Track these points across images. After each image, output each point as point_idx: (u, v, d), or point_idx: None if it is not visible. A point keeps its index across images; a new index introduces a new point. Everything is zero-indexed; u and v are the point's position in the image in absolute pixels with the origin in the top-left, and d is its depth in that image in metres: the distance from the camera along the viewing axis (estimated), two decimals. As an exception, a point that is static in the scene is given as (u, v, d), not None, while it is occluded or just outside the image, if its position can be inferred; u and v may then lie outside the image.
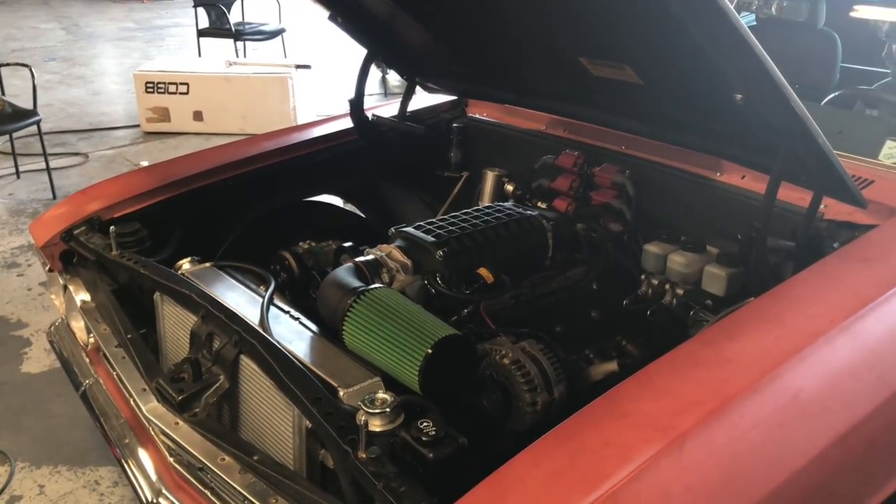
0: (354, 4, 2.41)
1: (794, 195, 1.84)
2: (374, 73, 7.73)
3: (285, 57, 8.43)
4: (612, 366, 1.81)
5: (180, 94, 6.66)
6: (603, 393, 1.30)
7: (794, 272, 1.66)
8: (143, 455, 1.80)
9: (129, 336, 1.87)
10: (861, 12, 3.42)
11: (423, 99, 2.90)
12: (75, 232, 2.19)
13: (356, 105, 2.68)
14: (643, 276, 2.02)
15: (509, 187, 2.57)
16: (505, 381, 1.65)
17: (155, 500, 1.66)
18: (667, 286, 1.96)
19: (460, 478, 1.23)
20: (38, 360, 3.45)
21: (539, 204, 2.36)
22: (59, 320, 2.40)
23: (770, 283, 1.65)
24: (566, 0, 1.79)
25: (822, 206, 1.79)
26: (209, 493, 1.55)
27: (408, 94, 2.78)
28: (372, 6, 2.42)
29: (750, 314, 1.48)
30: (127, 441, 1.86)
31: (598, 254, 2.15)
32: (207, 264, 2.02)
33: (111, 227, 2.08)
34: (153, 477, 1.73)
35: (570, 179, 2.33)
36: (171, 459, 1.65)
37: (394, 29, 2.52)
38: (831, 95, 2.44)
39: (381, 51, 2.66)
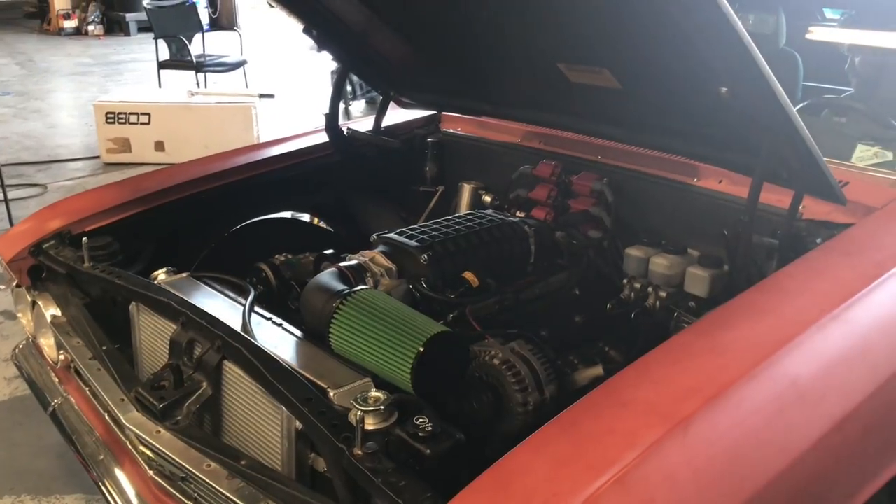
0: (329, 16, 2.41)
1: (772, 197, 1.85)
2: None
3: (247, 88, 8.39)
4: (598, 370, 1.80)
5: (141, 124, 6.56)
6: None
7: (777, 269, 1.67)
8: (119, 473, 1.74)
9: (104, 347, 1.81)
10: (816, 34, 3.51)
11: (397, 115, 2.89)
12: (44, 246, 2.12)
13: (331, 119, 2.66)
14: (626, 280, 2.02)
15: (487, 198, 2.57)
16: (495, 382, 1.63)
17: (135, 518, 1.60)
18: (650, 289, 1.97)
19: (458, 473, 1.20)
20: (-2, 389, 3.32)
21: (518, 214, 2.36)
22: (24, 342, 2.32)
23: (755, 281, 1.66)
24: (542, 4, 1.80)
25: (800, 206, 1.81)
26: (192, 504, 1.49)
27: (382, 109, 2.77)
28: (346, 18, 2.41)
29: (741, 305, 1.48)
30: (102, 458, 1.79)
31: (579, 260, 2.14)
32: (184, 274, 1.97)
33: (84, 239, 2.02)
34: (131, 494, 1.67)
35: (548, 189, 2.33)
36: (151, 472, 1.59)
37: (368, 41, 2.52)
38: (800, 105, 2.49)
39: (356, 64, 2.66)
